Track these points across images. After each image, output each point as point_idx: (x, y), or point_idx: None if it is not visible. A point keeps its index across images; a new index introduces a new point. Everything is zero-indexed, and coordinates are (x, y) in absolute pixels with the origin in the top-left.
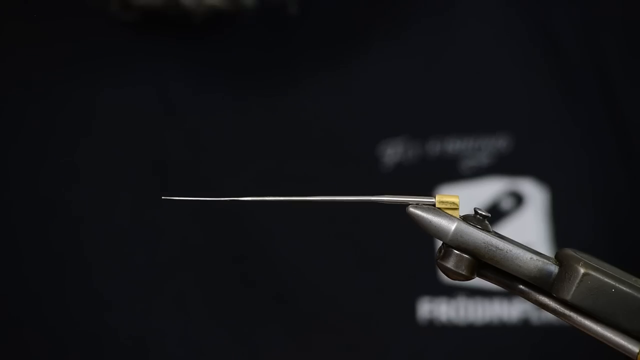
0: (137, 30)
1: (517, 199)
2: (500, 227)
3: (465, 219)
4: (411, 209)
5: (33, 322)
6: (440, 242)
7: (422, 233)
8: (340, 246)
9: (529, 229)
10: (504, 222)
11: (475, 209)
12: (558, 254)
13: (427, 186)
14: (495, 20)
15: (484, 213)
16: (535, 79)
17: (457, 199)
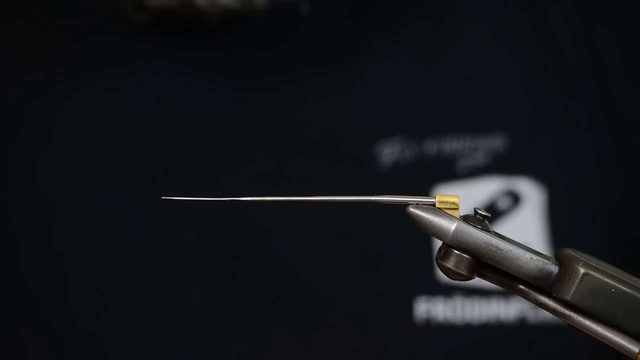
0: (136, 31)
1: (514, 198)
2: (497, 227)
3: (465, 219)
4: (411, 209)
5: (32, 322)
6: (440, 242)
7: (419, 233)
8: (338, 246)
9: (526, 228)
10: (501, 222)
11: (475, 209)
12: (558, 254)
13: (425, 186)
14: (493, 20)
15: (484, 213)
16: (532, 78)
17: (457, 199)
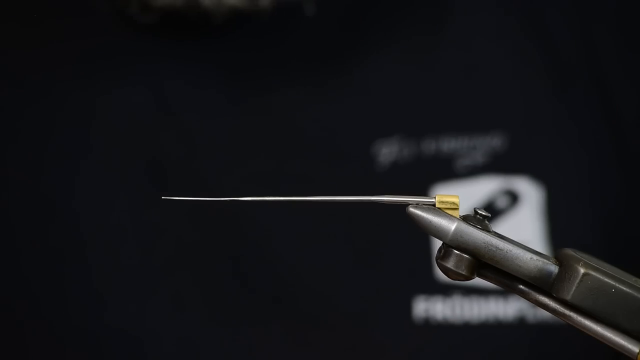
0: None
1: (512, 197)
2: (495, 226)
3: (465, 219)
4: (411, 209)
5: (31, 321)
6: (439, 242)
7: (418, 232)
8: (336, 245)
9: (524, 227)
10: (499, 221)
11: (475, 209)
12: (558, 254)
13: (423, 185)
14: (490, 19)
15: (484, 213)
16: (529, 77)
17: (457, 199)
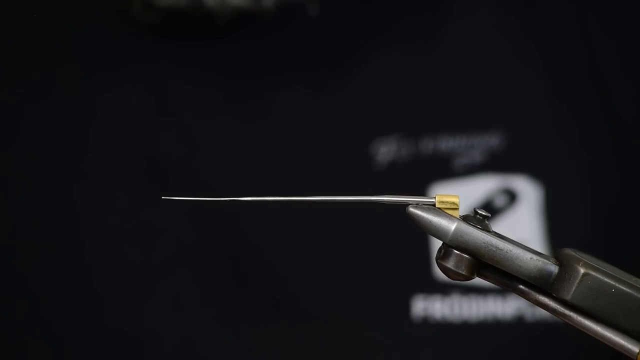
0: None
1: (511, 196)
2: (493, 225)
3: (466, 219)
4: (411, 209)
5: (30, 321)
6: (439, 242)
7: (416, 231)
8: (335, 245)
9: (522, 226)
10: (497, 220)
11: (475, 209)
12: (558, 254)
13: (421, 184)
14: (489, 18)
15: (484, 213)
16: (527, 75)
17: (457, 199)
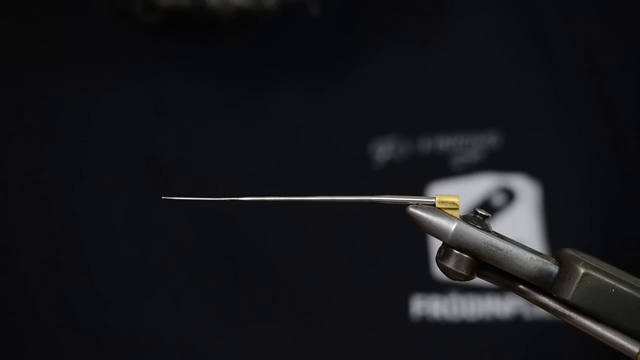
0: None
1: (509, 195)
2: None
3: (466, 219)
4: (411, 209)
5: (30, 321)
6: (436, 241)
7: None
8: (333, 245)
9: (521, 225)
10: (495, 219)
11: (475, 209)
12: (558, 253)
13: (419, 183)
14: (487, 17)
15: (484, 213)
16: (525, 74)
17: (457, 199)
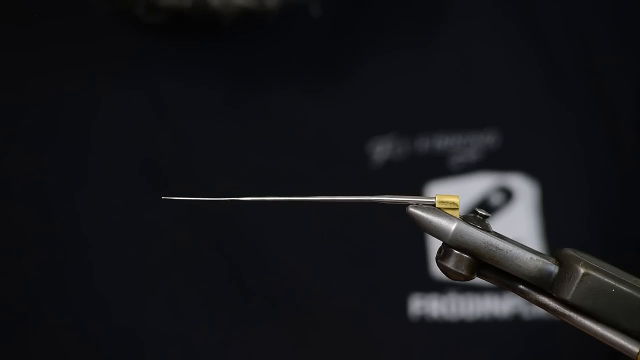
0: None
1: (507, 194)
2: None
3: (466, 219)
4: (411, 209)
5: (29, 321)
6: (435, 240)
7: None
8: (332, 244)
9: (519, 224)
10: (493, 218)
11: (475, 209)
12: (558, 253)
13: (417, 183)
14: (484, 17)
15: (484, 213)
16: (523, 73)
17: (457, 199)
